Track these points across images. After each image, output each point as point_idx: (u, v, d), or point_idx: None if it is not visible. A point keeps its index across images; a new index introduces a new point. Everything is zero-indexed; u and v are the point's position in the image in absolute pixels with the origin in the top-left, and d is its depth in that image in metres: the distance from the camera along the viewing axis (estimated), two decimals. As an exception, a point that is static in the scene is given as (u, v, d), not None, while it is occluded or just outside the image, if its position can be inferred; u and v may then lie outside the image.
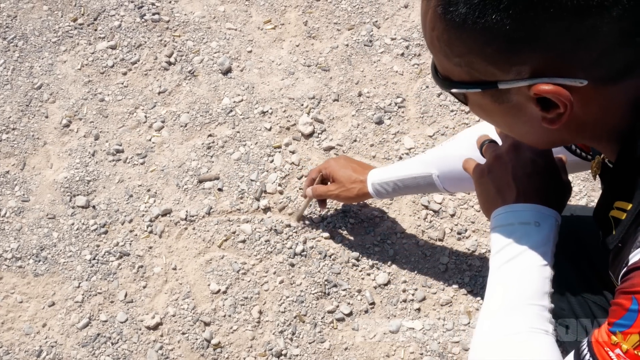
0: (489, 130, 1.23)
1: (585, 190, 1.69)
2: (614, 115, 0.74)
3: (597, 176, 0.91)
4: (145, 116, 1.81)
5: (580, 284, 1.28)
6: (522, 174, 0.92)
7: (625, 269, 0.73)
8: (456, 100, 1.19)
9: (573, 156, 1.10)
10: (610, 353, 0.70)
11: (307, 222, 1.63)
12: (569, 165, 1.12)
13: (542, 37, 0.66)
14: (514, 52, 0.69)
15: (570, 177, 1.70)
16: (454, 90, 0.78)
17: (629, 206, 0.75)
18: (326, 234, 1.62)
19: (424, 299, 1.54)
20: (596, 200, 0.83)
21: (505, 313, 0.86)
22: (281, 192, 1.68)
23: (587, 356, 0.72)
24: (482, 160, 1.02)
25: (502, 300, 0.88)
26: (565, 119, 0.72)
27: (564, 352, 0.82)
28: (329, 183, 1.54)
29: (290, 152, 1.74)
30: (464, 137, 1.31)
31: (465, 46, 0.71)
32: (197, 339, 1.49)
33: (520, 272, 0.87)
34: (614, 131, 0.75)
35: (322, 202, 1.59)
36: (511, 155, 0.93)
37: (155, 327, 1.51)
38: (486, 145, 1.00)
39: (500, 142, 1.00)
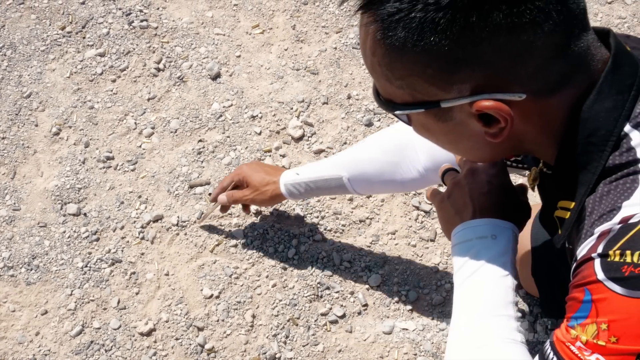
0: (401, 131, 1.27)
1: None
2: (555, 123, 0.76)
3: (536, 187, 0.94)
4: (135, 123, 1.81)
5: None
6: (478, 193, 0.94)
7: (575, 264, 0.75)
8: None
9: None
10: (572, 347, 0.71)
11: (309, 222, 1.64)
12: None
13: (480, 56, 0.69)
14: (453, 72, 0.71)
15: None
16: (397, 112, 0.80)
17: (572, 204, 0.78)
18: (318, 237, 1.62)
19: (416, 299, 1.55)
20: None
21: (473, 326, 0.88)
22: (270, 206, 1.68)
23: (551, 355, 0.73)
24: (409, 168, 1.10)
25: (468, 315, 0.89)
26: (507, 133, 0.75)
27: None
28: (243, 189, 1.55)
29: (280, 155, 1.75)
30: (374, 140, 1.36)
31: (406, 69, 0.73)
32: (190, 344, 1.49)
33: (482, 285, 0.89)
34: (554, 137, 0.78)
35: (245, 207, 1.60)
36: (468, 179, 0.96)
37: (149, 333, 1.51)
38: (447, 174, 1.04)
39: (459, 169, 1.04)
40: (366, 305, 1.54)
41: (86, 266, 1.59)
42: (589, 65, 0.73)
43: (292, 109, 1.83)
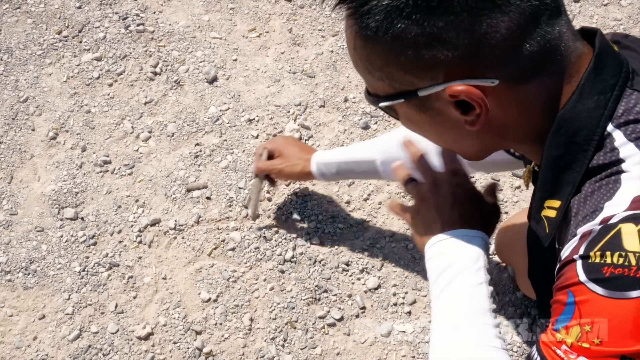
0: None
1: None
2: (532, 115, 0.77)
3: (530, 184, 0.95)
4: (132, 127, 1.81)
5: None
6: (444, 206, 0.95)
7: (558, 265, 0.76)
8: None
9: (505, 154, 1.16)
10: (558, 351, 0.71)
11: (307, 225, 1.64)
12: (503, 163, 1.20)
13: (446, 40, 0.71)
14: (424, 58, 0.73)
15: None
16: (382, 105, 0.82)
17: (558, 204, 0.79)
18: (315, 240, 1.62)
19: (414, 302, 1.55)
20: None
21: (452, 338, 0.88)
22: (269, 200, 1.68)
23: (538, 359, 0.73)
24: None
25: (446, 327, 0.90)
26: (483, 119, 0.76)
27: None
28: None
29: (277, 159, 1.75)
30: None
31: (382, 59, 0.76)
32: (188, 348, 1.49)
33: (458, 296, 0.90)
34: (536, 133, 0.79)
35: (271, 181, 1.58)
36: (433, 192, 0.97)
37: (147, 337, 1.51)
38: (409, 186, 1.04)
39: (418, 176, 1.04)
40: (364, 308, 1.54)
41: (83, 270, 1.59)
42: (562, 54, 0.74)
43: (289, 112, 1.83)
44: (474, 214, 0.95)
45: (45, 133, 1.80)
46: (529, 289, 1.41)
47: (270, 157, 1.54)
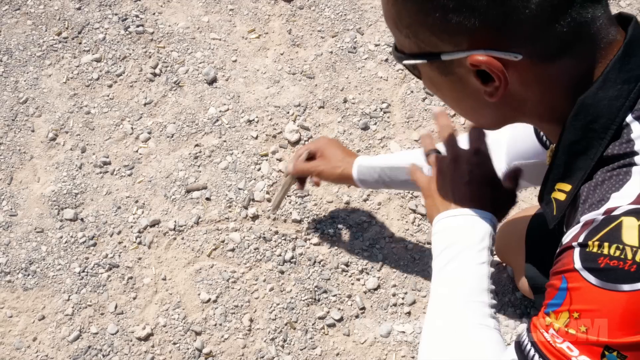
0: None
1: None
2: (553, 95, 0.77)
3: None
4: (132, 128, 1.81)
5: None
6: (459, 183, 0.96)
7: (558, 250, 0.76)
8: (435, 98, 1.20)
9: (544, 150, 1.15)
10: (545, 334, 0.72)
11: (305, 226, 1.64)
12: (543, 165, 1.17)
13: (475, 8, 0.70)
14: (450, 22, 0.72)
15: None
16: (405, 63, 0.82)
17: (569, 187, 0.79)
18: (315, 240, 1.62)
19: (414, 302, 1.55)
20: None
21: (448, 311, 0.89)
22: (269, 200, 1.68)
23: (526, 341, 0.74)
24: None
25: (443, 301, 0.91)
26: (502, 92, 0.75)
27: None
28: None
29: (277, 160, 1.75)
30: (461, 138, 1.33)
31: (410, 17, 0.75)
32: (188, 349, 1.49)
33: (459, 272, 0.91)
34: (555, 113, 0.78)
35: (301, 182, 1.55)
36: (450, 168, 0.98)
37: (146, 338, 1.51)
38: (431, 157, 1.05)
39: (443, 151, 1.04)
40: (364, 308, 1.54)
41: (83, 271, 1.59)
42: (593, 39, 0.73)
43: (288, 113, 1.83)
44: (488, 195, 0.96)
45: (44, 134, 1.80)
46: (527, 289, 1.41)
47: (310, 159, 1.50)
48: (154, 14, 2.03)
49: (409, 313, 1.54)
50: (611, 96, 0.73)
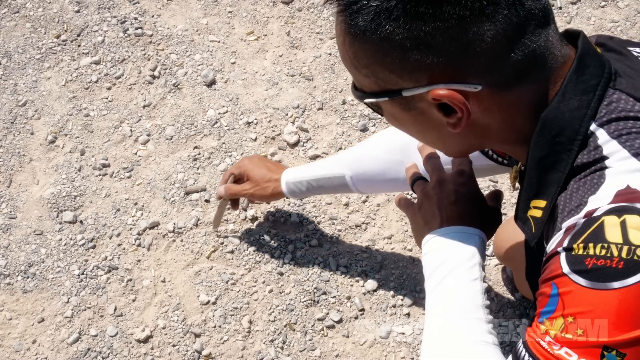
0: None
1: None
2: (516, 119, 0.79)
3: (517, 184, 0.96)
4: (131, 130, 1.81)
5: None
6: (446, 203, 0.97)
7: (544, 259, 0.77)
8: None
9: (488, 160, 1.17)
10: (542, 343, 0.72)
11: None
12: (484, 169, 1.21)
13: (432, 45, 0.72)
14: (409, 60, 0.74)
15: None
16: (367, 101, 0.83)
17: (544, 203, 0.80)
18: (314, 242, 1.62)
19: (413, 303, 1.55)
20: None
21: (445, 331, 0.89)
22: (268, 202, 1.68)
23: (523, 352, 0.74)
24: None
25: (440, 320, 0.91)
26: (465, 123, 0.77)
27: None
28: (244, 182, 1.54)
29: (276, 161, 1.75)
30: (378, 138, 1.38)
31: (368, 57, 0.77)
32: (187, 351, 1.49)
33: (452, 291, 0.91)
34: (520, 135, 0.80)
35: (234, 203, 1.58)
36: (436, 190, 0.99)
37: (146, 340, 1.51)
38: (416, 184, 1.06)
39: (428, 177, 1.06)
40: (363, 310, 1.55)
41: (82, 274, 1.59)
42: (546, 62, 0.75)
43: (287, 115, 1.83)
44: (475, 213, 0.97)
45: (44, 137, 1.80)
46: (527, 290, 1.41)
47: (237, 181, 1.53)
48: (152, 16, 2.04)
49: (408, 314, 1.54)
50: (572, 107, 0.75)
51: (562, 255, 0.71)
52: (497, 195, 1.05)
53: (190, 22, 2.02)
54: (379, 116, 1.80)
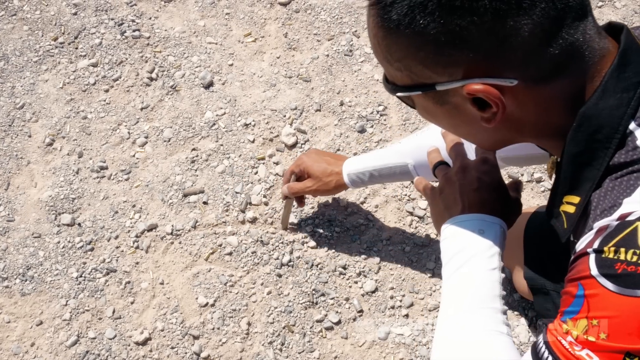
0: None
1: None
2: (552, 113, 0.77)
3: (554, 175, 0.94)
4: (129, 132, 1.81)
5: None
6: (469, 190, 0.96)
7: (572, 257, 0.76)
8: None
9: (539, 148, 1.14)
10: (563, 342, 0.71)
11: (294, 227, 1.64)
12: (534, 157, 1.19)
13: (468, 39, 0.70)
14: (444, 55, 0.73)
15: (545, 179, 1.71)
16: (399, 95, 0.82)
17: (577, 199, 0.78)
18: (312, 244, 1.62)
19: (411, 304, 1.55)
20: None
21: (460, 318, 0.89)
22: (266, 204, 1.68)
23: (543, 348, 0.74)
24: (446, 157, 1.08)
25: (455, 307, 0.91)
26: (500, 118, 0.76)
27: None
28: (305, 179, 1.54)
29: (274, 163, 1.75)
30: (438, 128, 1.35)
31: (402, 51, 0.76)
32: (186, 353, 1.49)
33: (470, 279, 0.91)
34: (555, 129, 0.79)
35: (300, 200, 1.59)
36: (459, 176, 0.99)
37: (144, 343, 1.51)
38: (438, 168, 1.06)
39: (451, 162, 1.05)
40: (361, 311, 1.55)
41: (81, 276, 1.59)
42: (584, 56, 0.74)
43: (285, 116, 1.83)
44: (496, 202, 0.96)
45: (41, 139, 1.80)
46: (525, 291, 1.41)
47: (299, 179, 1.55)
48: (150, 18, 2.04)
49: (406, 315, 1.54)
50: (612, 105, 0.74)
51: (592, 257, 0.71)
52: (517, 185, 1.03)
53: (187, 24, 2.02)
54: (377, 118, 1.80)
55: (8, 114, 1.85)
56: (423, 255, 1.61)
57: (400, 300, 1.55)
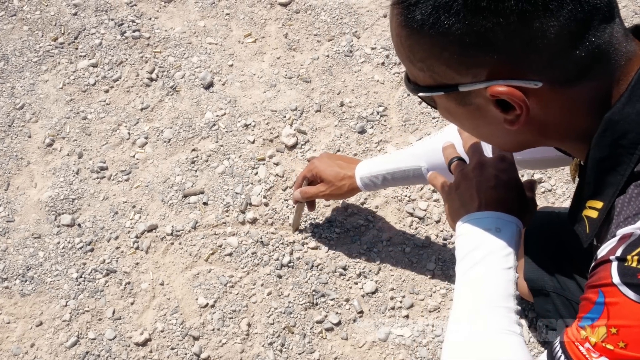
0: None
1: (568, 192, 1.70)
2: (576, 116, 0.76)
3: (577, 178, 0.93)
4: (129, 133, 1.81)
5: (564, 285, 1.30)
6: (486, 187, 0.95)
7: (593, 263, 0.75)
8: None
9: (557, 151, 1.13)
10: (581, 348, 0.71)
11: (303, 230, 1.64)
12: (554, 160, 1.17)
13: (493, 41, 0.69)
14: (468, 56, 0.72)
15: (553, 179, 1.71)
16: (421, 95, 0.81)
17: (600, 205, 0.77)
18: (312, 244, 1.62)
19: (411, 305, 1.55)
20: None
21: (473, 316, 0.89)
22: (266, 204, 1.68)
23: (559, 353, 0.73)
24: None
25: (469, 305, 0.90)
26: (523, 120, 0.75)
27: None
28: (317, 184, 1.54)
29: (274, 164, 1.75)
30: (451, 131, 1.34)
31: (425, 51, 0.75)
32: (186, 354, 1.49)
33: (484, 277, 0.90)
34: (579, 132, 0.78)
35: (311, 204, 1.59)
36: (476, 172, 0.98)
37: (144, 343, 1.51)
38: (454, 164, 1.05)
39: (467, 159, 1.04)
40: (361, 312, 1.54)
41: (81, 277, 1.59)
42: (610, 59, 0.72)
43: (285, 117, 1.83)
44: (513, 200, 0.95)
45: (41, 140, 1.80)
46: (526, 292, 1.41)
47: (311, 183, 1.55)
48: (150, 19, 2.03)
49: (407, 316, 1.54)
50: (638, 111, 0.72)
51: (614, 265, 0.70)
52: (532, 184, 1.03)
53: (187, 25, 2.02)
54: (377, 119, 1.80)
55: (8, 114, 1.85)
56: (423, 256, 1.61)
57: (401, 301, 1.55)
